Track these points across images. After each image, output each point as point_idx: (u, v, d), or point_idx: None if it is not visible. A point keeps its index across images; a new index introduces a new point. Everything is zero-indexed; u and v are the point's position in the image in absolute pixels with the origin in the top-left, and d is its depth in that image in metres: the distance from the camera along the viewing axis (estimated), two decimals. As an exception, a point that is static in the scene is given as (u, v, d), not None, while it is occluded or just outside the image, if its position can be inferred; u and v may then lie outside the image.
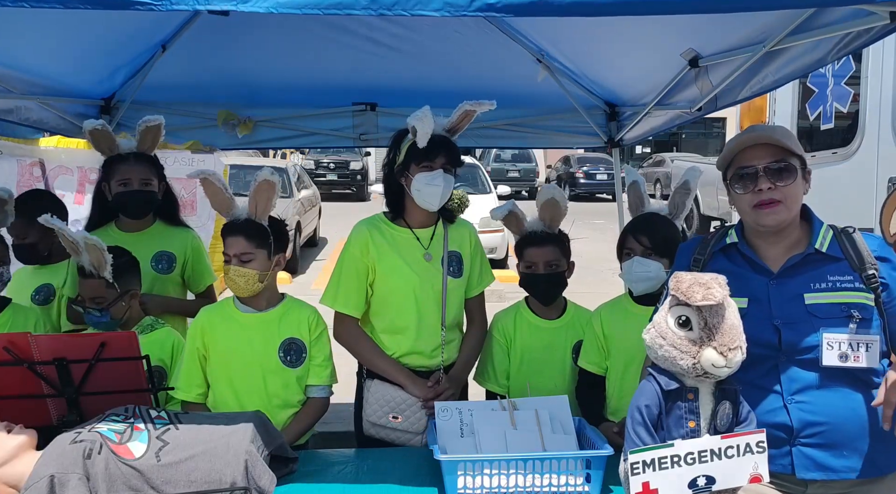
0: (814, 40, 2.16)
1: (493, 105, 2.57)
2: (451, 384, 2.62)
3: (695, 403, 1.74)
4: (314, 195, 13.47)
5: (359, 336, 2.65)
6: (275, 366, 2.44)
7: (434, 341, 2.62)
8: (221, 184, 2.45)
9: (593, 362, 2.63)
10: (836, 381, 1.91)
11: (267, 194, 2.44)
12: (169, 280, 3.10)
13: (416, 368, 2.63)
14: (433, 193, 2.52)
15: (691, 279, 1.71)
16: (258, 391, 2.43)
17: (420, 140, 2.47)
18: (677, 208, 2.74)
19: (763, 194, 1.92)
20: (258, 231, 2.43)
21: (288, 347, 2.46)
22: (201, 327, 2.46)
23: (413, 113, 2.46)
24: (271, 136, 4.27)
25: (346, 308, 2.62)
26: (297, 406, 2.50)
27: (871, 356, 1.88)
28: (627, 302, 2.65)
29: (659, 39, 3.03)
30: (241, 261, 2.39)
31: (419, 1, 1.49)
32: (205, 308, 2.54)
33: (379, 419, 2.57)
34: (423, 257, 2.62)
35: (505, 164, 22.79)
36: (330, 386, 2.57)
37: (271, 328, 2.46)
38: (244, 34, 3.58)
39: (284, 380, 2.46)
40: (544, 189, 2.78)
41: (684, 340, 1.71)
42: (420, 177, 2.52)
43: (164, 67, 3.71)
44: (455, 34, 3.60)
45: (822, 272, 1.94)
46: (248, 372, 2.43)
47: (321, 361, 2.51)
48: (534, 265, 2.72)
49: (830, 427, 1.90)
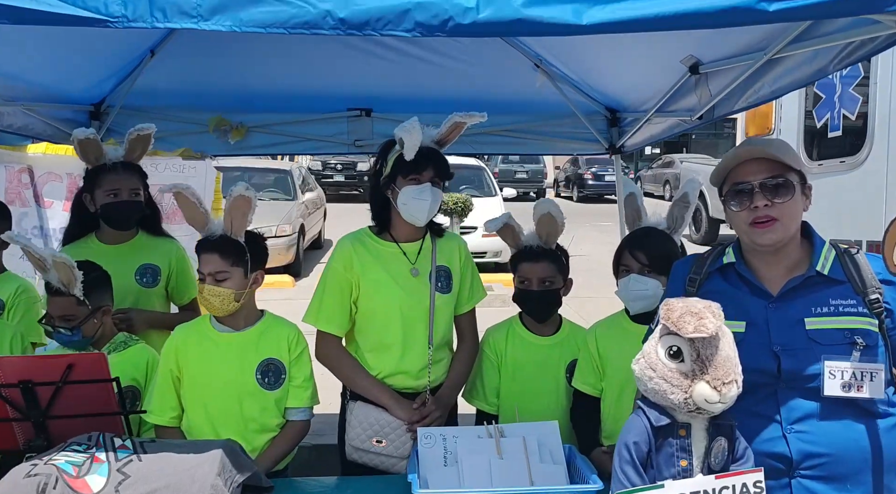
0: (814, 50, 2.04)
1: (484, 117, 2.48)
2: (438, 407, 2.52)
3: (687, 440, 1.64)
4: (319, 197, 13.43)
5: (341, 356, 2.56)
6: (252, 389, 2.34)
7: (421, 360, 2.52)
8: (195, 198, 2.36)
9: (588, 382, 2.53)
10: (839, 410, 1.80)
11: (242, 210, 2.34)
12: (154, 294, 3.01)
13: (402, 389, 2.53)
14: (420, 207, 2.43)
15: (683, 308, 1.60)
16: (233, 415, 2.34)
17: (407, 153, 2.38)
18: (676, 221, 2.63)
19: (759, 211, 1.82)
20: (234, 248, 2.34)
21: (266, 368, 2.36)
22: (175, 346, 2.37)
23: (401, 124, 2.37)
24: (264, 142, 4.19)
25: (328, 326, 2.53)
26: (275, 430, 2.40)
27: (875, 386, 1.77)
28: (624, 320, 2.55)
29: (659, 45, 2.93)
30: (215, 280, 2.30)
31: (390, 21, 1.42)
32: (180, 326, 2.45)
33: (362, 443, 2.47)
34: (410, 273, 2.52)
35: (513, 165, 22.69)
36: (311, 408, 2.47)
37: (248, 349, 2.37)
38: (234, 39, 3.48)
39: (262, 404, 2.36)
40: (540, 204, 2.68)
41: (675, 372, 1.60)
42: (407, 190, 2.43)
43: (153, 72, 3.65)
44: (451, 40, 3.52)
45: (824, 296, 1.83)
46: (223, 395, 2.34)
47: (301, 382, 2.42)
48: (527, 281, 2.63)
49: (832, 459, 1.79)
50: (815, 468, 1.79)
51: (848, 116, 3.87)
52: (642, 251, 2.45)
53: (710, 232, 13.10)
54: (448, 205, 10.33)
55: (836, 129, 3.95)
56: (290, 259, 10.49)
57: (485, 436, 2.20)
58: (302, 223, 11.27)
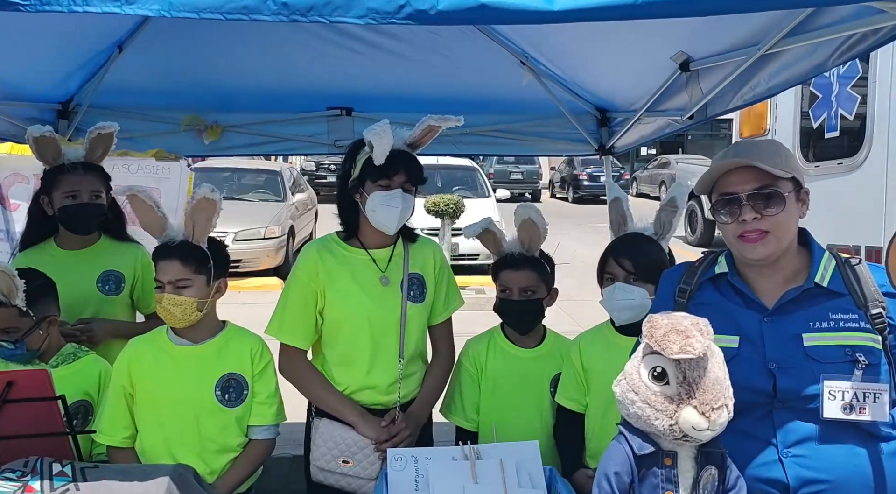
0: (813, 43, 1.89)
1: (460, 121, 2.32)
2: (409, 425, 2.36)
3: (673, 470, 1.50)
4: (310, 198, 13.29)
5: (304, 370, 2.41)
6: (210, 406, 2.20)
7: (391, 374, 2.37)
8: (152, 201, 2.22)
9: (572, 398, 2.39)
10: (840, 433, 1.66)
11: (207, 213, 2.20)
12: (118, 302, 2.85)
13: (371, 405, 2.38)
14: (389, 215, 2.29)
15: (667, 325, 1.46)
16: (190, 434, 2.19)
17: (377, 157, 2.24)
18: (663, 227, 2.50)
19: (747, 224, 1.68)
20: (196, 254, 2.20)
21: (226, 384, 2.21)
22: (128, 360, 2.22)
23: (370, 126, 2.23)
24: (240, 142, 4.03)
25: (291, 339, 2.38)
26: (236, 451, 2.26)
27: (878, 408, 1.63)
28: (609, 332, 2.40)
29: (648, 42, 2.79)
30: (176, 288, 2.16)
31: (338, 6, 1.29)
32: (134, 339, 2.30)
33: (328, 463, 2.32)
34: (380, 281, 2.37)
35: (508, 166, 22.60)
36: (276, 426, 2.32)
37: (208, 363, 2.23)
38: (207, 34, 3.36)
39: (221, 422, 2.21)
40: (520, 208, 2.54)
41: (660, 396, 1.46)
42: (376, 196, 2.28)
43: (122, 69, 3.49)
44: (432, 36, 3.38)
45: (824, 309, 1.69)
46: (179, 413, 2.19)
47: (265, 398, 2.27)
48: (508, 290, 2.49)
49: (832, 486, 1.65)
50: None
51: (846, 116, 3.73)
52: (627, 258, 2.31)
53: (705, 233, 12.97)
54: (440, 206, 10.21)
55: (834, 129, 3.81)
56: (279, 261, 10.35)
57: (460, 458, 2.05)
58: (292, 225, 11.13)
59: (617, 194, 2.65)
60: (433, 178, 11.67)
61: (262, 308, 2.54)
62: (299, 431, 2.49)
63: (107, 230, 2.90)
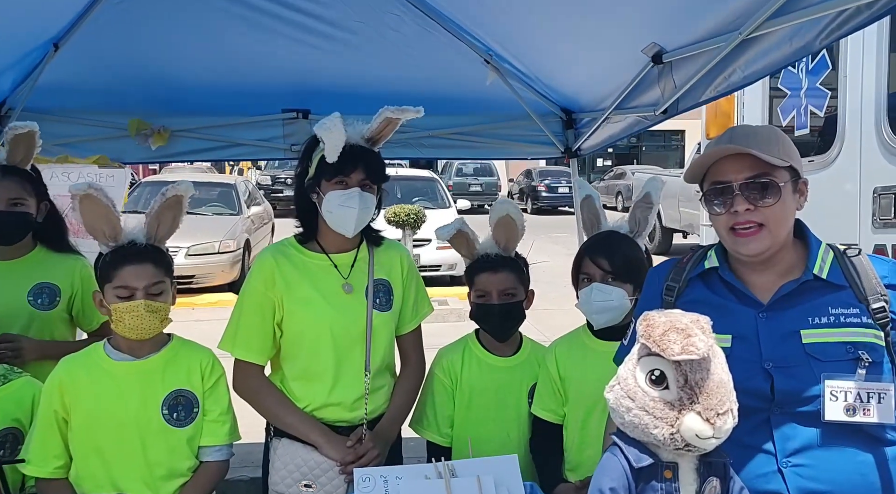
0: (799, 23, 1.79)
1: (420, 112, 2.18)
2: (377, 443, 2.18)
3: (674, 483, 1.35)
4: (266, 212, 13.01)
5: (261, 387, 2.22)
6: (157, 426, 2.00)
7: (356, 389, 2.19)
8: (109, 201, 2.03)
9: (548, 408, 2.25)
10: (842, 439, 1.55)
11: (174, 212, 2.07)
12: (53, 317, 2.61)
13: (335, 423, 2.19)
14: (346, 216, 2.12)
15: (666, 324, 1.32)
16: (135, 459, 1.98)
17: (329, 154, 2.07)
18: (639, 224, 2.40)
19: (740, 216, 1.57)
20: (164, 257, 2.05)
21: (175, 401, 2.02)
22: (59, 382, 2.00)
23: (320, 121, 2.07)
24: (190, 147, 3.81)
25: (246, 354, 2.19)
26: (186, 475, 2.05)
27: (884, 408, 1.52)
28: (587, 337, 2.28)
29: (617, 34, 2.69)
30: (150, 294, 1.98)
31: None
32: (65, 359, 2.08)
33: (288, 487, 2.14)
34: (342, 289, 2.19)
35: (467, 178, 22.66)
36: (229, 446, 2.13)
37: (153, 379, 2.03)
38: (151, 32, 3.17)
39: (169, 444, 2.02)
40: (498, 205, 2.41)
41: (659, 402, 1.32)
42: (332, 196, 2.12)
43: (59, 69, 3.24)
44: (393, 33, 3.24)
45: (823, 304, 1.58)
46: (122, 437, 1.98)
47: (217, 415, 2.09)
48: (487, 294, 2.35)
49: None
50: None
51: (816, 113, 3.69)
52: (604, 257, 2.19)
53: (663, 242, 13.07)
54: (400, 217, 10.06)
55: (804, 126, 3.78)
56: (234, 276, 10.03)
57: (433, 476, 1.89)
58: (248, 239, 10.83)
59: (588, 192, 2.54)
60: (393, 189, 11.51)
61: (217, 325, 2.36)
62: (257, 451, 2.30)
63: (43, 240, 2.67)
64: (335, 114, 2.07)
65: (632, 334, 1.82)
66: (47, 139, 3.55)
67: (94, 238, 2.08)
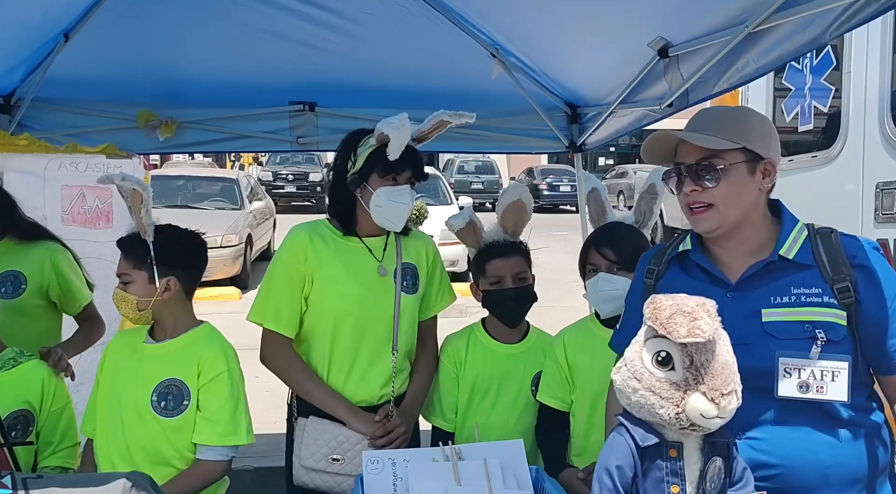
0: (808, 14, 1.81)
1: (472, 118, 2.29)
2: (404, 420, 2.25)
3: (678, 462, 1.38)
4: (267, 207, 13.01)
5: (291, 360, 2.25)
6: (141, 410, 2.02)
7: (384, 369, 2.27)
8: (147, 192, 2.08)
9: (556, 395, 2.28)
10: (797, 416, 1.59)
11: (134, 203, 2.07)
12: (20, 305, 2.60)
13: (360, 403, 2.26)
14: (398, 211, 2.20)
15: (672, 306, 1.35)
16: (115, 438, 2.03)
17: (393, 152, 2.13)
18: (644, 215, 2.43)
19: (688, 197, 1.66)
20: (138, 248, 2.05)
21: (165, 390, 2.02)
22: (107, 352, 2.11)
23: (386, 119, 2.12)
24: (198, 139, 3.83)
25: (276, 325, 2.23)
26: (174, 466, 2.04)
27: (837, 387, 1.56)
28: (594, 325, 2.30)
29: (623, 28, 2.71)
30: (121, 283, 2.04)
31: None
32: (121, 332, 2.15)
33: (317, 462, 2.18)
34: (377, 271, 2.25)
35: (468, 175, 22.65)
36: (228, 448, 2.06)
37: (154, 364, 2.06)
38: (161, 23, 3.18)
39: (149, 430, 2.02)
40: (510, 189, 2.46)
41: (665, 383, 1.35)
42: (383, 191, 2.18)
43: (69, 60, 3.26)
44: (400, 26, 3.26)
45: (786, 284, 1.62)
46: (111, 414, 2.04)
47: (211, 414, 2.04)
48: (501, 280, 2.38)
49: (784, 472, 1.58)
50: (766, 480, 1.56)
51: (819, 109, 3.72)
52: (610, 248, 2.22)
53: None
54: (403, 213, 10.05)
55: (808, 122, 3.80)
56: (236, 271, 10.05)
57: (440, 459, 1.92)
58: (249, 233, 10.84)
59: (594, 184, 2.57)
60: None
61: (219, 318, 2.39)
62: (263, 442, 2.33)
63: (11, 230, 2.69)
64: (403, 114, 2.14)
65: (624, 317, 1.90)
66: (56, 129, 3.63)
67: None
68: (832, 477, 1.58)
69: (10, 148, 3.40)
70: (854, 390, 1.57)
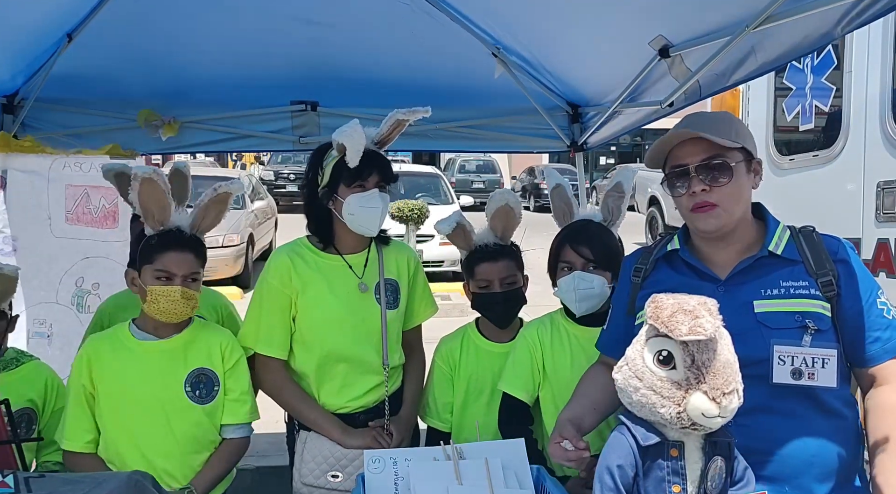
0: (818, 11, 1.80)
1: (428, 112, 2.23)
2: (400, 430, 2.29)
3: (680, 461, 1.39)
4: (269, 207, 13.01)
5: (284, 383, 2.28)
6: (181, 404, 2.07)
7: (373, 382, 2.29)
8: (166, 188, 2.11)
9: (525, 388, 2.25)
10: (788, 403, 1.64)
11: (219, 208, 2.17)
12: None
13: (356, 411, 2.29)
14: (371, 216, 2.19)
15: (674, 305, 1.35)
16: (163, 435, 2.06)
17: (351, 159, 2.13)
18: (612, 213, 2.44)
19: (697, 196, 1.68)
20: (203, 249, 2.15)
21: (197, 379, 2.10)
22: (87, 359, 2.07)
23: (339, 128, 2.13)
24: (200, 139, 3.85)
25: (268, 349, 2.24)
26: (211, 448, 2.15)
27: (827, 373, 1.62)
28: (566, 322, 2.28)
29: (624, 28, 2.72)
30: (187, 281, 2.08)
31: None
32: (92, 336, 2.16)
33: (316, 479, 2.21)
34: (358, 288, 2.26)
35: (469, 175, 22.63)
36: (249, 424, 2.21)
37: (175, 359, 2.10)
38: (163, 24, 3.19)
39: (194, 419, 2.10)
40: (497, 195, 2.45)
41: (666, 382, 1.35)
42: (353, 199, 2.18)
43: (72, 61, 3.27)
44: (401, 24, 3.26)
45: (776, 277, 1.69)
46: (148, 413, 2.06)
47: (238, 395, 2.16)
48: (489, 283, 2.39)
49: (772, 457, 1.62)
50: (753, 466, 1.56)
51: (820, 108, 3.72)
52: (586, 245, 2.21)
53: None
54: (404, 212, 10.08)
55: (809, 121, 3.80)
56: (238, 270, 10.06)
57: (442, 458, 1.92)
58: (251, 233, 10.85)
59: (558, 180, 2.50)
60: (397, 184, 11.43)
61: (220, 318, 2.42)
62: (264, 441, 2.35)
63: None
64: (354, 120, 2.13)
65: (610, 318, 1.93)
66: (59, 129, 3.64)
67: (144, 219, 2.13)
68: (815, 466, 1.63)
69: (13, 149, 3.42)
70: (840, 381, 1.64)
